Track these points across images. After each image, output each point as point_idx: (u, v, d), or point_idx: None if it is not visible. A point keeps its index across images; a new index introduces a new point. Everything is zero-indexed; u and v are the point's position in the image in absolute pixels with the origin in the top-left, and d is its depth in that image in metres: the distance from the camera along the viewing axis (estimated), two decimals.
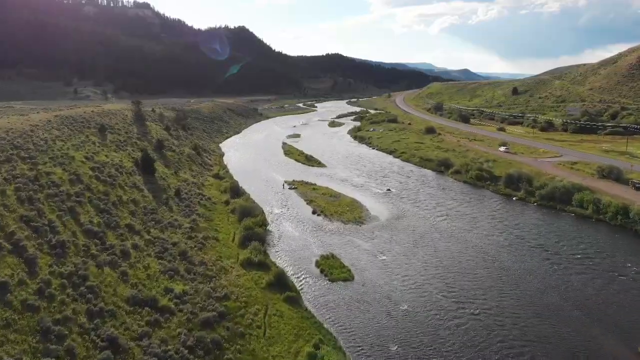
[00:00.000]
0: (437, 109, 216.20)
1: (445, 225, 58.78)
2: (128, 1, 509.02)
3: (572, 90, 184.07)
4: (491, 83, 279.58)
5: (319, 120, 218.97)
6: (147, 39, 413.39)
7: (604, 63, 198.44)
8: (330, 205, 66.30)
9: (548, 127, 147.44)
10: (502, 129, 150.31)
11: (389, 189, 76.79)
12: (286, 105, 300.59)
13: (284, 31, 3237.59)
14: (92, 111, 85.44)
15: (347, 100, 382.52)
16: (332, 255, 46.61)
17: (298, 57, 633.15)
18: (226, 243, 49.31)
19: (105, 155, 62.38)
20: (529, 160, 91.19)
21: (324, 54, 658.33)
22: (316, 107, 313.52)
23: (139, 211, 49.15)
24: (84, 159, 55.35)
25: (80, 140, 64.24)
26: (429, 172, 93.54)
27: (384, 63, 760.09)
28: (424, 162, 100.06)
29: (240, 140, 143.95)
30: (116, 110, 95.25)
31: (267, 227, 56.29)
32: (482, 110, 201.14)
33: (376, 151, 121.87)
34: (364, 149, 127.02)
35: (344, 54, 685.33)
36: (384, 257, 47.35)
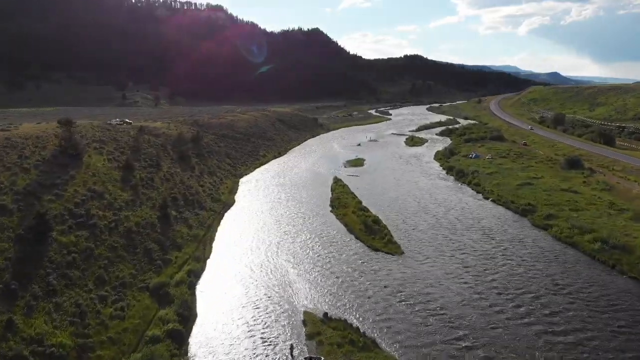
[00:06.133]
0: (557, 122, 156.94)
1: None
2: (201, 4, 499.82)
3: None
4: (616, 87, 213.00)
5: (392, 133, 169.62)
6: (214, 41, 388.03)
7: None
8: None
9: None
10: None
11: None
12: (355, 113, 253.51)
13: (365, 35, 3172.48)
14: None
15: (427, 106, 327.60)
16: None
17: (374, 60, 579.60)
18: None
19: None
20: None
21: (402, 56, 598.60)
22: (390, 114, 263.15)
23: None
24: None
25: None
26: (632, 289, 41.44)
27: (467, 65, 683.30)
28: (609, 253, 47.22)
29: (276, 169, 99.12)
30: (29, 135, 53.98)
31: None
32: (622, 126, 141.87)
33: (492, 205, 69.31)
34: (467, 196, 74.97)
35: (424, 56, 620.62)
36: None
